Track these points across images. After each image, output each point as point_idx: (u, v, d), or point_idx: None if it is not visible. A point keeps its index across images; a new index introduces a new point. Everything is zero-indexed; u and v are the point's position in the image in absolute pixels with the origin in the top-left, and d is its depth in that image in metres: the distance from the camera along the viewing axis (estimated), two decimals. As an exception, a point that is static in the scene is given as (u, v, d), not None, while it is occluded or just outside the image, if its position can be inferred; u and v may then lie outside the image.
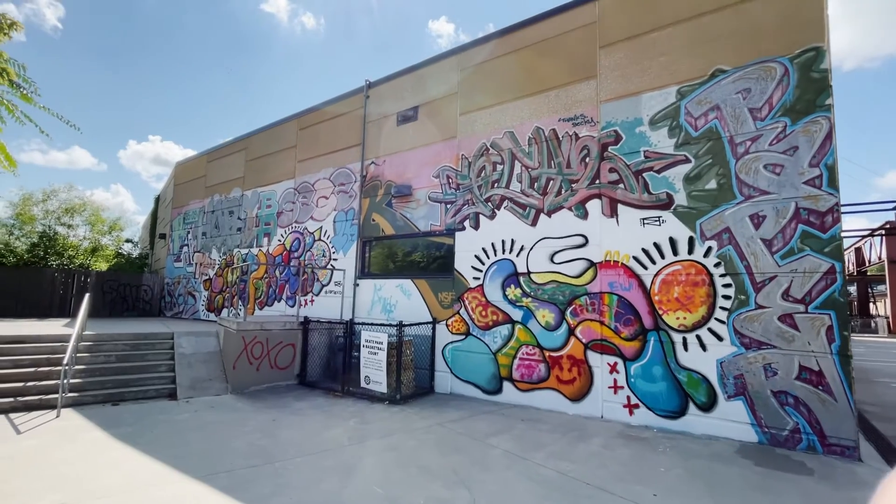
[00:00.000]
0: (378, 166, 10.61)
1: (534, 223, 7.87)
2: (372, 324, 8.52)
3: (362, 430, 6.36)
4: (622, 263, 6.85)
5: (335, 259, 11.22)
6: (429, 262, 9.49)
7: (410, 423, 6.68)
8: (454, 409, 7.42)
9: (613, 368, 6.76)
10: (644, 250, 6.68)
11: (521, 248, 7.95)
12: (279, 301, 12.58)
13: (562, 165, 7.68)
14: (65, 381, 7.43)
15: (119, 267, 20.38)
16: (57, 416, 6.82)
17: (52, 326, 11.08)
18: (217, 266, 15.13)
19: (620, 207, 6.97)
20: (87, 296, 9.27)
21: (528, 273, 7.81)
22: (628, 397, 6.59)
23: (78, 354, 8.45)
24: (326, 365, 9.97)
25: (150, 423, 6.57)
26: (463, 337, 8.52)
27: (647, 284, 6.59)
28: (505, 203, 8.28)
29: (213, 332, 10.53)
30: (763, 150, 5.89)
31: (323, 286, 11.41)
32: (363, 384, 8.39)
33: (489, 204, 8.50)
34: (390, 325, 8.17)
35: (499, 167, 8.47)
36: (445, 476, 4.64)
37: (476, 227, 8.63)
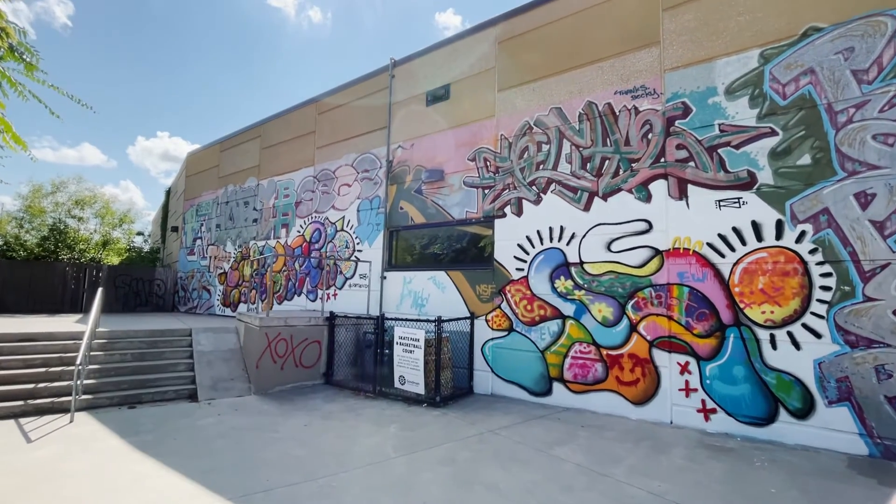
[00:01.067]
0: (406, 150, 9.89)
1: (586, 208, 7.13)
2: (405, 319, 7.85)
3: (407, 437, 5.70)
4: (694, 251, 6.10)
5: (359, 250, 10.55)
6: (465, 252, 8.78)
7: (458, 430, 6.01)
8: (501, 413, 6.74)
9: (685, 369, 6.03)
10: (721, 236, 5.91)
11: (572, 236, 7.22)
12: (299, 295, 11.95)
13: (619, 143, 6.91)
14: (78, 383, 6.85)
15: (131, 261, 19.91)
16: (70, 422, 6.24)
17: (64, 323, 10.54)
18: (232, 259, 14.54)
19: (691, 188, 6.21)
20: (99, 290, 8.71)
21: (581, 263, 7.08)
22: (703, 401, 5.86)
23: (92, 353, 7.88)
24: (353, 363, 9.33)
25: (172, 429, 5.96)
26: (505, 333, 7.83)
27: (725, 274, 5.84)
28: (552, 186, 7.54)
29: (232, 329, 9.93)
30: (871, 119, 5.09)
31: (346, 279, 10.76)
32: (397, 384, 7.74)
33: (534, 188, 7.76)
34: (427, 321, 7.49)
35: (544, 147, 7.72)
36: (521, 499, 3.96)
37: (518, 213, 7.89)
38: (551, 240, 7.45)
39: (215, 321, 11.85)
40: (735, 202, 5.85)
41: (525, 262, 7.71)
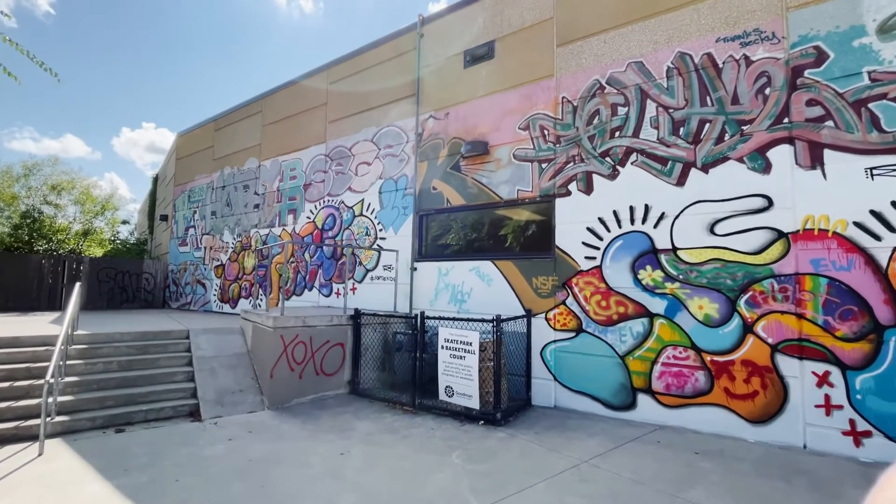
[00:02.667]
0: (438, 121, 8.50)
1: (680, 182, 5.84)
2: (451, 318, 6.53)
3: (481, 473, 4.41)
4: (835, 233, 4.86)
5: (383, 238, 9.17)
6: (516, 238, 7.46)
7: (541, 460, 4.72)
8: (583, 434, 5.48)
9: (823, 380, 4.81)
10: (875, 213, 4.67)
11: (661, 217, 5.94)
12: (310, 289, 10.55)
13: (724, 102, 5.62)
14: (50, 401, 5.44)
15: (116, 252, 18.22)
16: (39, 455, 4.83)
17: (36, 324, 9.03)
18: (231, 250, 13.04)
19: (829, 154, 4.95)
20: (77, 285, 7.25)
21: (674, 249, 5.81)
22: (852, 421, 4.66)
23: (69, 362, 6.44)
24: (381, 369, 8.00)
25: (172, 465, 4.59)
26: (572, 335, 6.55)
27: (883, 262, 4.61)
28: (633, 157, 6.24)
29: (236, 329, 8.53)
30: None
31: (367, 271, 9.38)
32: (443, 396, 6.44)
33: (607, 159, 6.45)
34: (477, 320, 6.17)
35: (621, 110, 6.40)
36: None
37: (587, 190, 6.59)
38: (632, 221, 6.16)
39: (214, 319, 10.41)
40: (894, 170, 4.61)
41: (597, 248, 6.42)
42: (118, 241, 18.99)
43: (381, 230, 9.24)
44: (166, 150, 20.20)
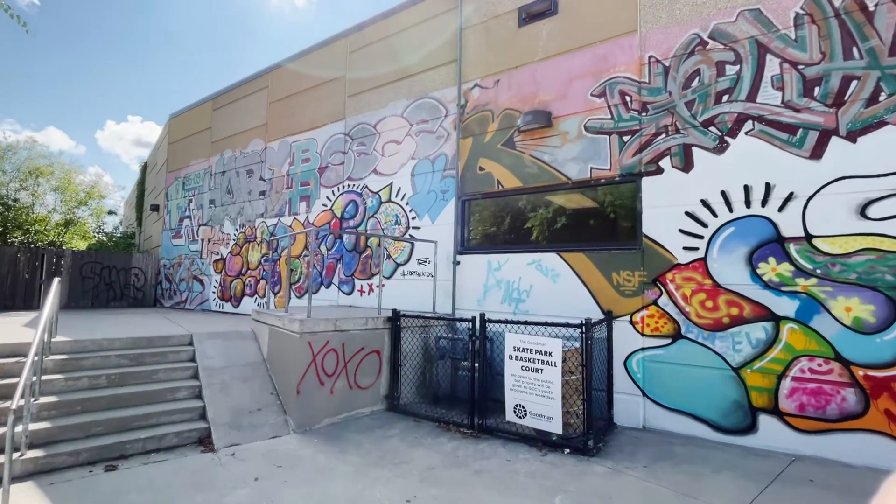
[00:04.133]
0: (486, 90, 7.30)
1: (815, 154, 4.73)
2: (525, 322, 5.35)
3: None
4: None
5: (416, 228, 7.96)
6: (589, 225, 6.30)
7: (681, 511, 3.58)
8: (708, 468, 4.35)
9: None
10: None
11: (789, 197, 4.82)
12: (327, 286, 9.29)
13: (878, 53, 4.51)
14: (18, 430, 4.18)
15: (101, 246, 16.68)
16: (1, 510, 3.56)
17: (6, 327, 7.63)
18: (232, 242, 11.70)
19: None
20: (55, 282, 5.93)
21: (808, 237, 4.70)
22: None
23: (45, 377, 5.14)
24: (421, 380, 6.81)
25: (188, 529, 3.36)
26: (667, 341, 5.42)
27: None
28: (747, 126, 5.11)
29: (247, 333, 7.26)
30: None
31: (398, 266, 8.16)
32: (511, 416, 5.27)
33: (712, 129, 5.32)
34: (566, 325, 5.01)
35: (730, 69, 5.27)
36: None
37: (685, 166, 5.45)
38: (748, 204, 5.04)
39: (217, 320, 9.11)
40: None
41: (700, 237, 5.29)
42: (103, 234, 17.40)
43: (413, 218, 8.02)
44: (153, 143, 18.64)
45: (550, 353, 5.02)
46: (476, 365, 5.69)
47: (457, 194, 7.43)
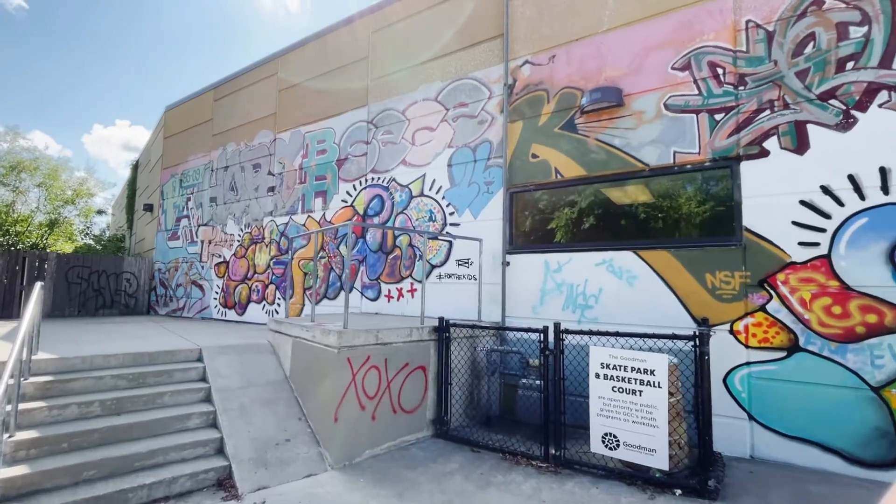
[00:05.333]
0: (539, 67, 6.43)
1: (976, 128, 3.92)
2: (614, 333, 4.45)
3: None
4: None
5: (454, 224, 7.04)
6: (674, 218, 5.42)
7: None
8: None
9: None
10: None
11: (942, 181, 4.00)
12: (348, 291, 8.28)
13: None
14: (-14, 484, 3.17)
15: (89, 249, 15.44)
16: None
17: (-21, 339, 6.53)
18: (237, 243, 10.66)
19: None
20: (38, 286, 4.89)
21: (971, 229, 3.87)
22: None
23: (23, 406, 4.11)
24: (469, 400, 5.87)
25: None
26: (781, 355, 4.55)
27: None
28: (880, 97, 4.29)
29: (264, 346, 6.27)
30: None
31: (433, 267, 7.22)
32: (597, 447, 4.35)
33: (833, 103, 4.49)
34: (672, 337, 4.11)
35: (854, 32, 4.45)
36: None
37: (799, 147, 4.61)
38: (885, 190, 4.21)
39: (223, 330, 8.07)
40: None
41: (822, 230, 4.45)
42: (91, 237, 16.13)
43: (451, 214, 7.10)
44: (141, 148, 17.52)
45: (653, 372, 4.12)
46: (546, 383, 4.76)
47: (505, 186, 6.52)
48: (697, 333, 3.99)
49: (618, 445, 4.27)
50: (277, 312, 9.40)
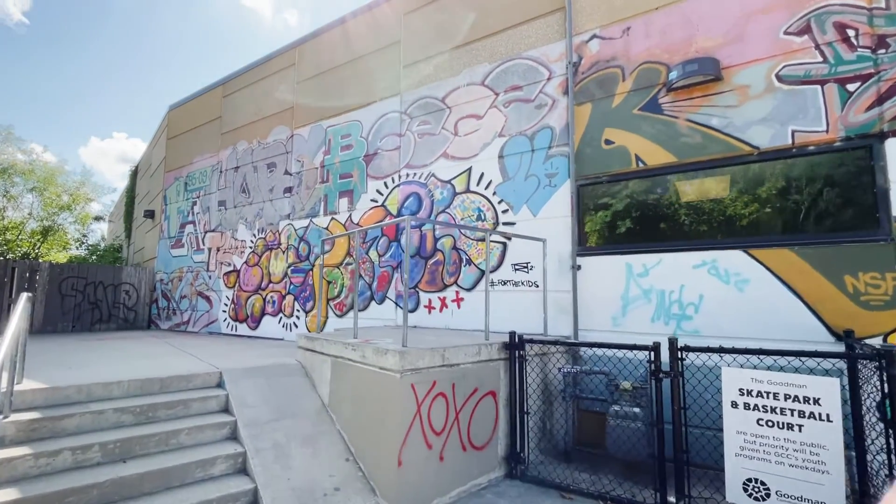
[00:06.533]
0: (611, 41, 5.60)
1: None
2: (758, 352, 3.53)
3: None
4: None
5: (509, 223, 6.14)
6: (793, 210, 4.54)
7: None
8: None
9: None
10: None
11: None
12: (380, 302, 7.36)
13: None
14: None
15: (84, 259, 14.38)
16: None
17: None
18: (249, 250, 9.71)
19: None
20: (23, 298, 3.94)
21: None
22: None
23: (1, 453, 3.15)
24: (542, 430, 4.92)
25: None
26: (959, 375, 3.63)
27: None
28: None
29: (293, 368, 5.30)
30: None
31: (483, 273, 6.30)
32: (739, 496, 3.41)
33: None
34: (846, 356, 3.20)
35: None
36: None
37: (968, 119, 3.76)
38: None
39: (238, 347, 7.09)
40: None
41: None
42: (88, 245, 15.09)
43: (505, 212, 6.21)
44: (137, 160, 16.63)
45: (817, 401, 3.20)
46: (657, 412, 3.82)
47: (572, 178, 5.64)
48: (882, 350, 3.07)
49: (767, 495, 3.33)
50: (296, 326, 8.43)
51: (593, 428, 4.84)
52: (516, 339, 4.62)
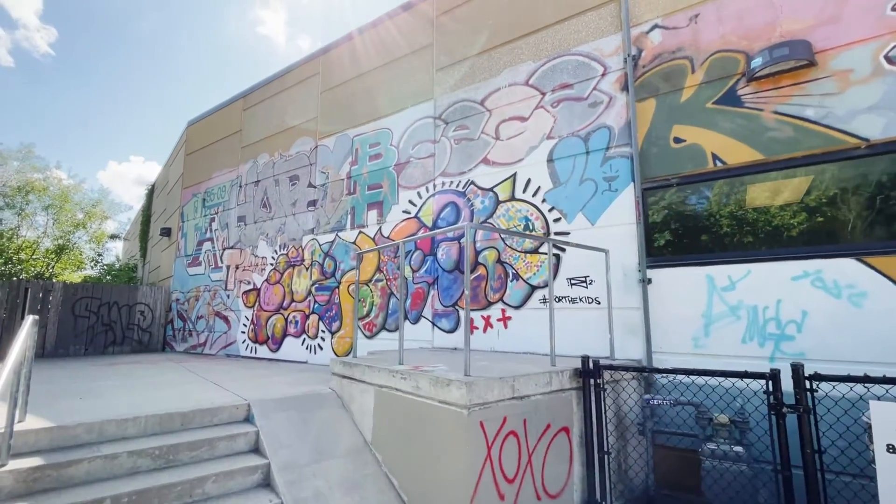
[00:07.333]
0: (674, 31, 5.08)
1: None
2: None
3: None
4: None
5: (562, 233, 5.55)
6: (918, 211, 3.89)
7: None
8: None
9: None
10: None
11: None
12: (414, 322, 6.76)
13: None
14: None
15: (98, 279, 14.01)
16: None
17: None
18: (270, 268, 9.21)
19: None
20: (28, 321, 3.42)
21: None
22: None
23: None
24: (617, 470, 4.22)
25: None
26: None
27: None
28: None
29: (328, 397, 4.70)
30: None
31: (532, 289, 5.69)
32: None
33: None
34: None
35: None
36: None
37: None
38: None
39: (262, 372, 6.50)
40: None
41: None
42: (103, 265, 14.73)
43: (557, 220, 5.62)
44: (153, 181, 16.49)
45: None
46: (780, 455, 3.13)
47: (636, 180, 5.06)
48: None
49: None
50: (321, 348, 7.84)
51: (680, 469, 4.14)
52: (590, 365, 3.97)
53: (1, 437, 2.96)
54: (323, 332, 7.89)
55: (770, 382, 3.19)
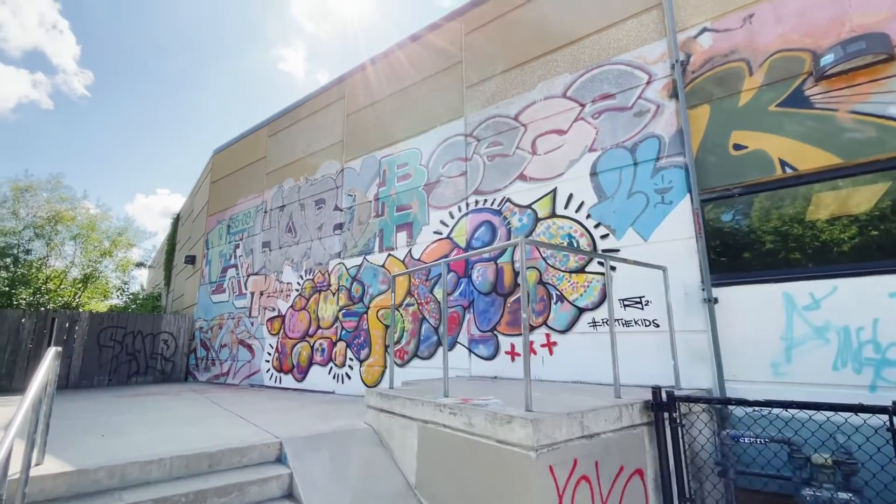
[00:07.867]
0: (726, 33, 4.78)
1: None
2: None
3: None
4: None
5: (611, 250, 5.15)
6: None
7: None
8: None
9: None
10: None
11: None
12: (450, 348, 6.36)
13: None
14: None
15: (124, 308, 14.02)
16: None
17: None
18: (296, 294, 8.97)
19: None
20: (49, 354, 3.18)
21: None
22: None
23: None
24: (696, 517, 3.68)
25: None
26: None
27: None
28: None
29: (364, 433, 4.30)
30: None
31: (580, 311, 5.26)
32: None
33: None
34: None
35: None
36: None
37: None
38: None
39: (293, 405, 6.13)
40: None
41: None
42: (128, 294, 14.77)
43: (605, 237, 5.24)
44: (178, 212, 16.74)
45: None
46: (864, 497, 2.60)
47: (693, 191, 4.67)
48: None
49: None
50: (349, 377, 7.47)
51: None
52: (663, 397, 3.51)
53: (16, 481, 2.65)
54: (351, 360, 7.53)
55: (894, 418, 2.70)
